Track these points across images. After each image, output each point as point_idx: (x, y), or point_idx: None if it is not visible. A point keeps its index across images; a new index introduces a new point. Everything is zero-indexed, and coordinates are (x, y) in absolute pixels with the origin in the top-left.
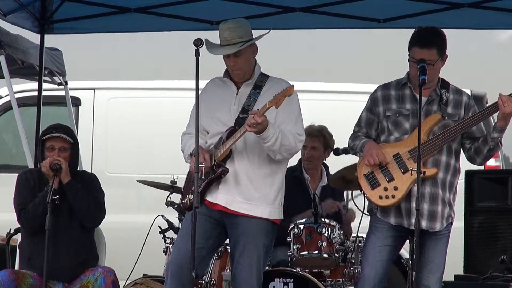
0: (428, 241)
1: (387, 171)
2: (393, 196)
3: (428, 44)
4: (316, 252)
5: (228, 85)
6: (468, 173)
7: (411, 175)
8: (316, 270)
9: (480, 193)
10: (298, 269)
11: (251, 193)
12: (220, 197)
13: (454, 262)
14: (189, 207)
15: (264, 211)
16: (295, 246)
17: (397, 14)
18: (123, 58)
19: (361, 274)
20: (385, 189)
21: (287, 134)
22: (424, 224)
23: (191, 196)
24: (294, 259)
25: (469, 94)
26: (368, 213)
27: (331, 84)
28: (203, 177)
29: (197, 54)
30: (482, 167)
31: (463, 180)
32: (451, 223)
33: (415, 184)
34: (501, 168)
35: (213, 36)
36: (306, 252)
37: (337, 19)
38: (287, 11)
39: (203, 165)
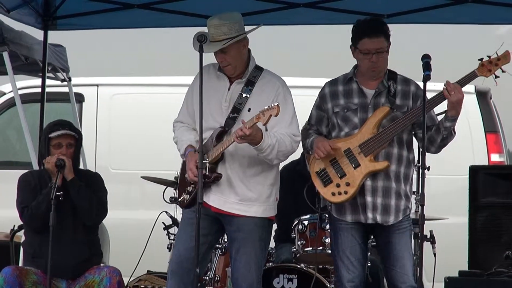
0: (393, 237)
1: (338, 167)
2: (345, 192)
3: (377, 32)
4: (321, 248)
5: (222, 79)
6: (473, 169)
7: (415, 171)
8: (321, 266)
9: (484, 189)
10: (302, 265)
11: (245, 194)
12: (212, 198)
13: (458, 257)
14: (186, 205)
15: (258, 210)
16: (299, 242)
17: (401, 9)
18: (126, 54)
19: (339, 277)
20: (338, 185)
21: (283, 139)
22: (378, 218)
23: (186, 196)
24: (298, 255)
25: (417, 83)
26: (320, 211)
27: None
28: (192, 184)
29: (200, 50)
30: (486, 163)
31: (467, 176)
32: (409, 215)
33: (368, 179)
34: (505, 163)
35: None
36: (311, 248)
37: (341, 15)
38: (290, 6)
39: (206, 161)
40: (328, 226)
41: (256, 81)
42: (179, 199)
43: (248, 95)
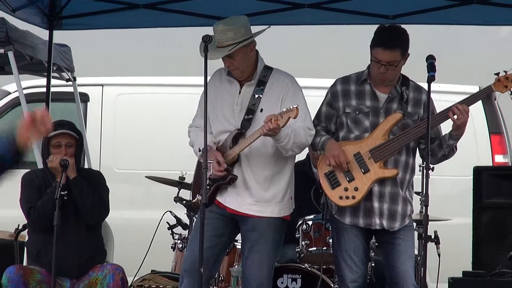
0: (398, 234)
1: (347, 170)
2: (353, 197)
3: (392, 46)
4: (325, 248)
5: (232, 83)
6: (477, 170)
7: (419, 170)
8: (325, 266)
9: (488, 190)
10: (306, 265)
11: (261, 195)
12: (229, 200)
13: (462, 258)
14: (199, 207)
15: (274, 210)
16: (303, 242)
17: (407, 10)
18: (131, 54)
19: (342, 277)
20: (346, 189)
21: (299, 131)
22: (385, 223)
23: (200, 197)
24: (302, 255)
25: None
26: (322, 209)
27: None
28: (211, 176)
29: (205, 50)
30: (490, 164)
31: (472, 177)
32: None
33: (376, 184)
34: (510, 164)
35: None
36: (315, 248)
37: (346, 16)
38: (295, 7)
39: (212, 162)
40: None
41: (267, 80)
42: (193, 200)
43: (260, 95)
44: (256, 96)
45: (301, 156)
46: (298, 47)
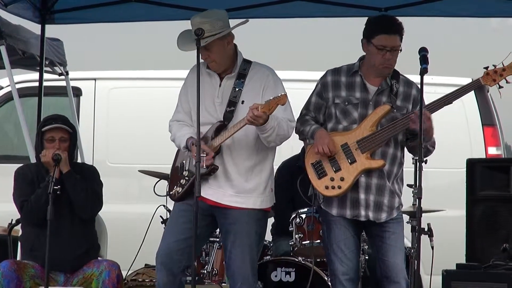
0: (386, 227)
1: (334, 161)
2: (339, 187)
3: (395, 30)
4: (318, 241)
5: (212, 76)
6: (470, 162)
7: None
8: (319, 259)
9: (482, 182)
10: (300, 258)
11: (242, 186)
12: (210, 192)
13: (456, 251)
14: (177, 199)
15: (256, 202)
16: (297, 235)
17: (399, 3)
18: (124, 48)
19: (333, 270)
20: (332, 179)
21: (281, 123)
22: (371, 215)
23: (178, 189)
24: (296, 248)
25: (418, 86)
26: (309, 201)
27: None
28: (187, 170)
29: (198, 43)
30: (484, 156)
31: (465, 169)
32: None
33: (362, 175)
34: (503, 156)
35: None
36: (308, 242)
37: (338, 8)
38: (287, 0)
39: (204, 155)
40: None
41: (247, 73)
42: (171, 192)
43: (241, 88)
44: (237, 89)
45: (296, 150)
46: (281, 39)
